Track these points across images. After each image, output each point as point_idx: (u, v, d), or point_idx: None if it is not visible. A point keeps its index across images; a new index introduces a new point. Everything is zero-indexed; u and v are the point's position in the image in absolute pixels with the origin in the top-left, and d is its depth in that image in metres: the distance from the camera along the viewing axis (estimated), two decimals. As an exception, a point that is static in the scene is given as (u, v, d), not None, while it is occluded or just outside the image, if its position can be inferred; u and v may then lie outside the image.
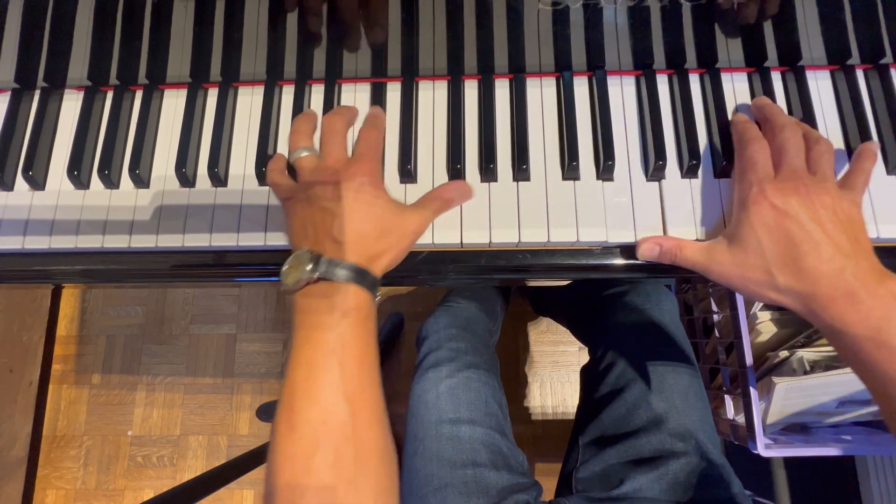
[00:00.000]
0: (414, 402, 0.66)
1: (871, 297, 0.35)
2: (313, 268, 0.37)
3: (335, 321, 0.37)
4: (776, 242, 0.37)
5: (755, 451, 0.70)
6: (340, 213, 0.39)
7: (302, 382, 0.35)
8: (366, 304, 0.38)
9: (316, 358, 0.36)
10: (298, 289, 0.38)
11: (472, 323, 0.78)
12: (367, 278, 0.38)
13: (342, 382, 0.35)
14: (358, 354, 0.37)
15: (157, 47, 0.47)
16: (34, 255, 0.48)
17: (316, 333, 0.37)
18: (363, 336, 0.38)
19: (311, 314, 0.37)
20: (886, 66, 0.48)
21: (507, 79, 0.50)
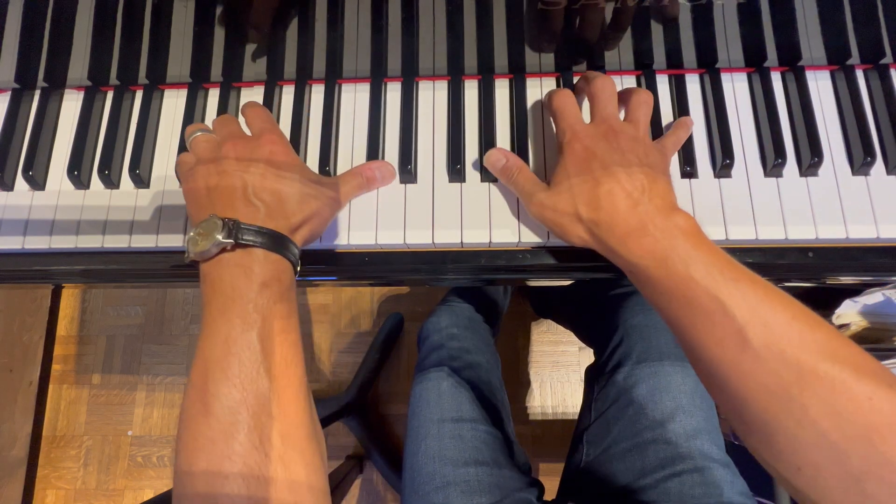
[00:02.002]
0: (415, 401, 0.66)
1: (657, 230, 0.36)
2: (227, 233, 0.34)
3: (254, 292, 0.34)
4: (583, 181, 0.39)
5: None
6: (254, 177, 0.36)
7: (217, 362, 0.32)
8: (287, 274, 0.36)
9: (233, 333, 0.33)
10: (209, 258, 0.35)
11: (473, 322, 0.78)
12: (287, 246, 0.36)
13: (264, 360, 0.33)
14: (281, 328, 0.34)
15: (157, 47, 0.47)
16: (34, 255, 0.48)
17: (232, 306, 0.33)
18: (285, 309, 0.35)
19: (226, 284, 0.34)
20: (886, 66, 0.48)
21: (507, 79, 0.50)
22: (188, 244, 0.35)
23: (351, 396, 1.19)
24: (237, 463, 0.30)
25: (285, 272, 0.36)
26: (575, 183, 0.39)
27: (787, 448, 0.31)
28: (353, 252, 0.47)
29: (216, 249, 0.34)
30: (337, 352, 1.30)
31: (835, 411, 0.30)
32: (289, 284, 0.36)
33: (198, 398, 0.32)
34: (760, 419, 0.32)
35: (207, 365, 0.33)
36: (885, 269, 0.45)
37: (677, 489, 0.54)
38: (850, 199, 0.45)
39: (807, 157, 0.45)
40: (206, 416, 0.31)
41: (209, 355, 0.33)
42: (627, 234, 0.37)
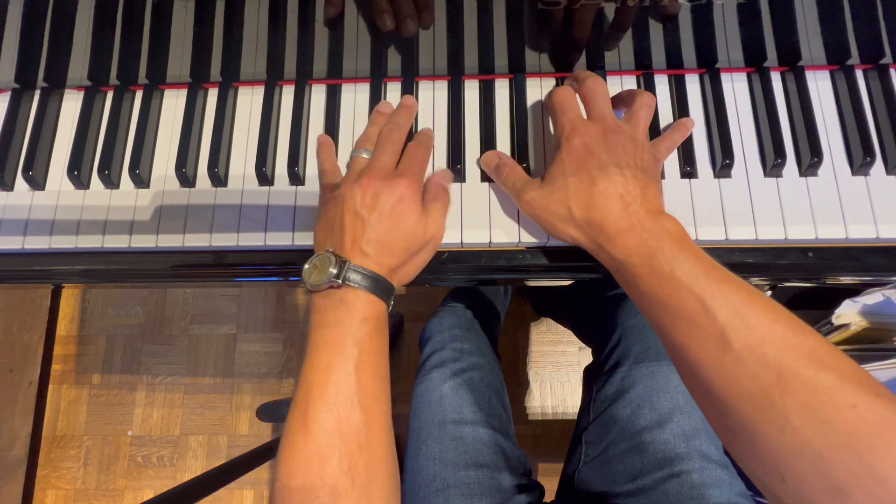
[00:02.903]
0: (417, 403, 0.66)
1: (645, 231, 0.37)
2: (337, 272, 0.37)
3: (354, 327, 0.37)
4: (579, 179, 0.40)
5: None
6: (372, 223, 0.39)
7: (318, 386, 0.36)
8: (382, 313, 0.39)
9: (333, 362, 0.36)
10: (319, 290, 0.38)
11: (475, 323, 0.78)
12: (385, 288, 0.39)
13: (358, 390, 0.36)
14: (373, 363, 0.37)
15: (157, 47, 0.47)
16: (34, 255, 0.48)
17: (333, 336, 0.37)
18: (378, 345, 0.38)
19: (330, 316, 0.38)
20: (886, 66, 0.48)
21: (507, 79, 0.50)
22: (304, 273, 0.39)
23: (351, 396, 1.19)
24: (328, 484, 0.33)
25: (381, 311, 0.39)
26: (571, 182, 0.40)
27: (769, 457, 0.31)
28: (353, 252, 0.47)
29: (326, 284, 0.38)
30: (337, 352, 1.30)
31: (817, 418, 0.29)
32: (384, 320, 0.39)
33: (299, 418, 0.35)
34: (742, 425, 0.32)
35: (310, 388, 0.36)
36: (885, 269, 0.45)
37: (676, 490, 0.54)
38: (849, 199, 0.45)
39: (806, 157, 0.45)
40: (305, 436, 0.35)
41: (311, 380, 0.36)
42: (617, 232, 0.38)
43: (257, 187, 0.48)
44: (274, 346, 1.32)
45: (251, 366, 1.31)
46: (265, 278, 0.50)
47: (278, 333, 1.32)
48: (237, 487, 1.25)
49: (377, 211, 0.40)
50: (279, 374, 1.30)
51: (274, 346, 1.32)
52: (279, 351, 1.31)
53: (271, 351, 1.32)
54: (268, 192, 0.47)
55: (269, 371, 1.31)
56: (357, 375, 0.36)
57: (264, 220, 0.46)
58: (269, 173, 0.47)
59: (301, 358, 1.29)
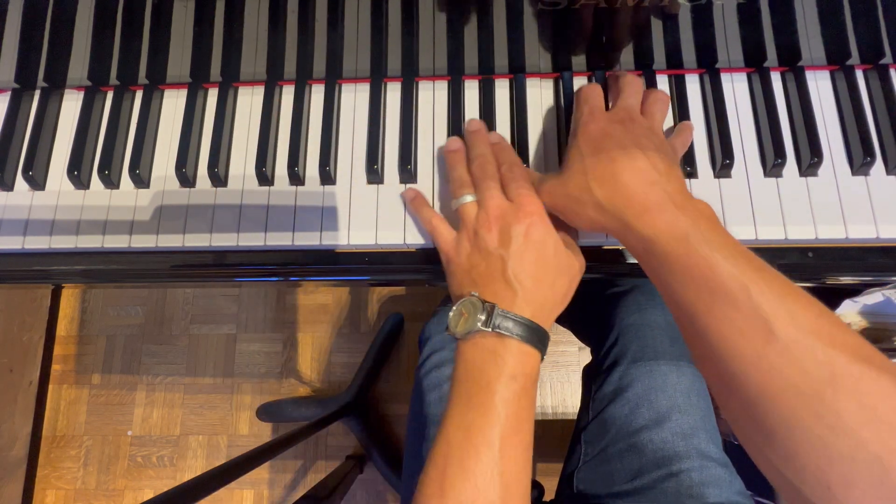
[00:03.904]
0: (416, 402, 0.66)
1: (679, 209, 0.35)
2: (486, 320, 0.35)
3: (502, 384, 0.34)
4: (598, 160, 0.38)
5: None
6: (513, 258, 0.37)
7: (458, 448, 0.33)
8: (535, 365, 0.36)
9: (476, 422, 0.33)
10: (466, 339, 0.36)
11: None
12: (540, 336, 0.36)
13: (500, 461, 0.33)
14: (519, 429, 0.34)
15: (157, 47, 0.47)
16: (34, 255, 0.48)
17: (478, 393, 0.34)
18: (526, 406, 0.35)
19: (476, 369, 0.35)
20: (886, 66, 0.48)
21: (507, 79, 0.50)
22: (451, 322, 0.36)
23: (351, 396, 1.19)
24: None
25: (534, 364, 0.36)
26: (589, 163, 0.38)
27: (813, 461, 0.28)
28: (353, 252, 0.47)
29: (475, 333, 0.35)
30: (337, 352, 1.30)
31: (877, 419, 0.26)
32: (535, 377, 0.36)
33: (436, 479, 0.33)
34: (784, 424, 0.29)
35: (449, 449, 0.33)
36: (885, 269, 0.45)
37: (675, 489, 0.54)
38: (849, 199, 0.45)
39: (806, 157, 0.45)
40: (441, 500, 0.32)
41: (451, 439, 0.34)
42: (645, 208, 0.36)
43: (257, 187, 0.48)
44: (274, 346, 1.32)
45: (251, 366, 1.31)
46: (265, 278, 0.50)
47: (278, 333, 1.32)
48: (237, 487, 1.25)
49: (513, 245, 0.37)
50: (279, 374, 1.30)
51: (274, 346, 1.32)
52: (279, 351, 1.31)
53: (271, 351, 1.32)
54: (268, 192, 0.47)
55: (269, 371, 1.31)
56: (501, 443, 0.33)
57: (264, 220, 0.46)
58: (269, 173, 0.47)
59: (301, 358, 1.30)
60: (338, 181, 0.47)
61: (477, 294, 0.36)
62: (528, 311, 0.36)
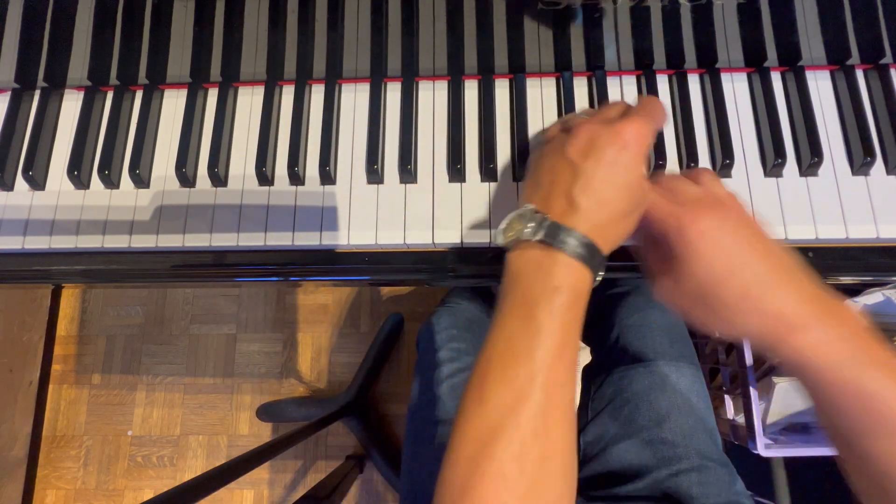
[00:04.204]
0: (414, 403, 0.66)
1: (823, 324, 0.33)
2: (534, 229, 0.33)
3: (547, 296, 0.32)
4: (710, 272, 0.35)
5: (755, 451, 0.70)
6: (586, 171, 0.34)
7: (499, 356, 0.32)
8: (584, 285, 0.34)
9: (518, 332, 0.32)
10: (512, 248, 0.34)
11: (473, 324, 0.78)
12: (591, 253, 0.33)
13: (541, 371, 0.31)
14: (561, 342, 0.32)
15: (157, 47, 0.47)
16: (34, 255, 0.48)
17: (522, 305, 0.33)
18: (571, 321, 0.33)
19: (522, 281, 0.33)
20: (886, 66, 0.48)
21: (507, 79, 0.50)
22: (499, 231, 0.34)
23: (351, 396, 1.19)
24: (494, 466, 0.30)
25: (583, 282, 0.33)
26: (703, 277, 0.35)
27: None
28: (353, 252, 0.47)
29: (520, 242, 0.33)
30: (337, 352, 1.30)
31: None
32: (583, 294, 0.34)
33: (477, 386, 0.32)
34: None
35: (491, 357, 0.32)
36: (885, 269, 0.45)
37: (675, 489, 0.54)
38: (850, 199, 0.45)
39: (807, 157, 0.45)
40: (480, 405, 0.31)
41: (493, 349, 0.33)
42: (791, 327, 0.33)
43: (257, 187, 0.48)
44: (274, 346, 1.32)
45: (251, 366, 1.31)
46: (265, 278, 0.50)
47: (278, 333, 1.32)
48: (237, 487, 1.25)
49: (593, 157, 0.34)
50: (279, 374, 1.30)
51: (274, 346, 1.32)
52: (279, 351, 1.31)
53: (271, 351, 1.32)
54: (268, 192, 0.47)
55: (269, 371, 1.31)
56: (543, 353, 0.31)
57: (264, 220, 0.46)
58: (269, 173, 0.47)
59: (301, 358, 1.30)
60: (338, 181, 0.47)
61: (534, 206, 0.34)
62: (584, 227, 0.33)
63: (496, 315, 0.34)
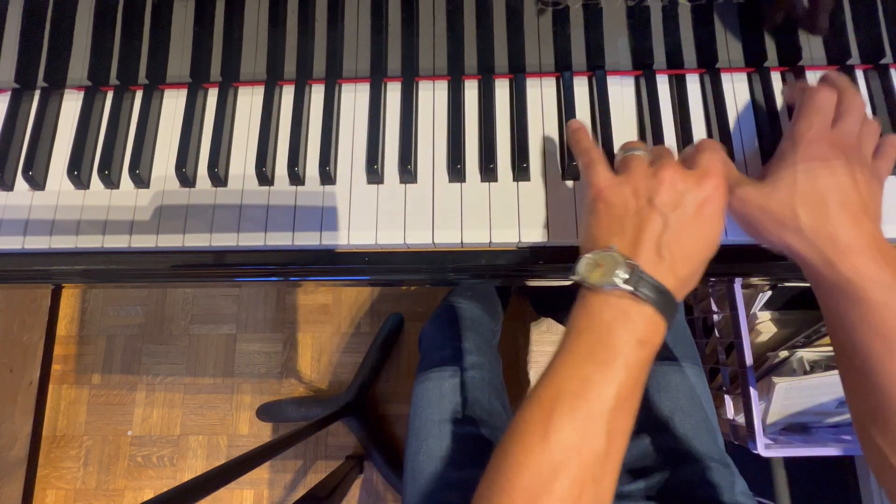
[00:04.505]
0: (417, 401, 0.66)
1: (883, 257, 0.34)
2: (628, 280, 0.33)
3: (629, 346, 0.33)
4: (812, 183, 0.37)
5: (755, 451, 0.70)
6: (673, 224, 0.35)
7: (570, 396, 0.32)
8: (661, 337, 0.35)
9: (594, 377, 0.32)
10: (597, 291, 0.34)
11: (475, 323, 0.78)
12: (673, 310, 0.34)
13: (610, 419, 0.32)
14: (633, 395, 0.33)
15: (157, 47, 0.47)
16: (34, 255, 0.48)
17: (602, 350, 0.33)
18: (644, 375, 0.34)
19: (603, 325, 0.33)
20: (886, 66, 0.48)
21: (507, 79, 0.50)
22: (582, 266, 0.35)
23: (351, 396, 1.19)
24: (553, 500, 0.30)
25: (662, 335, 0.34)
26: (802, 186, 0.37)
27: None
28: (353, 252, 0.47)
29: (608, 288, 0.33)
30: (337, 352, 1.30)
31: None
32: (658, 349, 0.34)
33: (541, 420, 0.32)
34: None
35: (559, 393, 0.32)
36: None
37: (677, 489, 0.54)
38: (850, 199, 0.45)
39: (807, 157, 0.45)
40: (543, 442, 0.31)
41: (563, 385, 0.33)
42: (850, 249, 0.35)
43: (257, 187, 0.48)
44: (274, 346, 1.32)
45: (251, 366, 1.31)
46: (265, 278, 0.50)
47: (278, 333, 1.32)
48: (237, 487, 1.25)
49: (680, 211, 0.35)
50: (279, 374, 1.30)
51: (274, 346, 1.32)
52: (279, 351, 1.31)
53: (271, 351, 1.32)
54: (268, 192, 0.47)
55: (269, 371, 1.31)
56: (615, 402, 0.32)
57: (264, 220, 0.46)
58: (269, 173, 0.47)
59: (301, 358, 1.29)
60: (338, 181, 0.47)
61: (617, 248, 0.34)
62: (672, 281, 0.34)
63: (566, 351, 0.34)
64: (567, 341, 0.34)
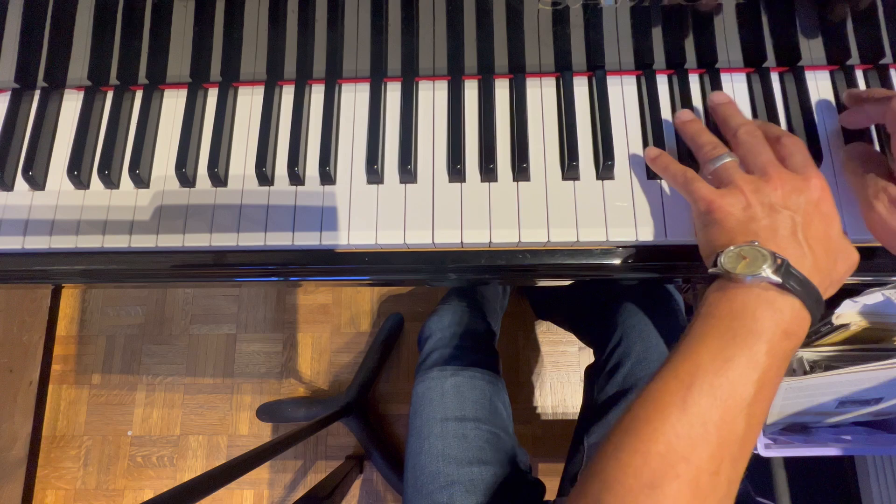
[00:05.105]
0: (418, 400, 0.66)
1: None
2: (776, 270, 0.32)
3: (776, 337, 0.32)
4: None
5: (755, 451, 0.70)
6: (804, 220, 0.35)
7: (712, 373, 0.32)
8: (805, 332, 0.34)
9: (738, 360, 0.32)
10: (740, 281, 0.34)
11: (475, 322, 0.78)
12: (819, 306, 0.34)
13: (751, 403, 0.31)
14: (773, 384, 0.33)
15: (157, 47, 0.47)
16: (34, 255, 0.48)
17: (748, 337, 0.32)
18: (784, 367, 0.33)
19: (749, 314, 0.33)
20: (886, 66, 0.48)
21: (507, 79, 0.50)
22: (725, 258, 0.34)
23: (351, 396, 1.19)
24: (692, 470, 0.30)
25: (806, 329, 0.34)
26: None
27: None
28: (353, 252, 0.47)
29: (755, 279, 0.33)
30: (337, 352, 1.30)
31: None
32: (800, 343, 0.34)
33: (680, 390, 0.32)
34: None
35: (699, 368, 0.32)
36: (885, 270, 0.45)
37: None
38: (850, 199, 0.45)
39: (807, 157, 0.45)
40: (682, 411, 0.31)
41: (703, 363, 0.32)
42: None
43: (257, 187, 0.48)
44: (274, 346, 1.32)
45: (251, 366, 1.31)
46: (265, 278, 0.50)
47: (278, 333, 1.32)
48: (237, 487, 1.25)
49: (802, 211, 0.35)
50: (279, 374, 1.30)
51: (274, 346, 1.32)
52: (279, 351, 1.31)
53: (271, 351, 1.32)
54: (268, 192, 0.47)
55: (269, 371, 1.31)
56: (757, 387, 0.31)
57: (264, 220, 0.46)
58: (269, 173, 0.47)
59: (301, 358, 1.29)
60: (338, 181, 0.47)
61: (758, 243, 0.34)
62: (816, 278, 0.34)
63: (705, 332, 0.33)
64: (703, 325, 0.34)
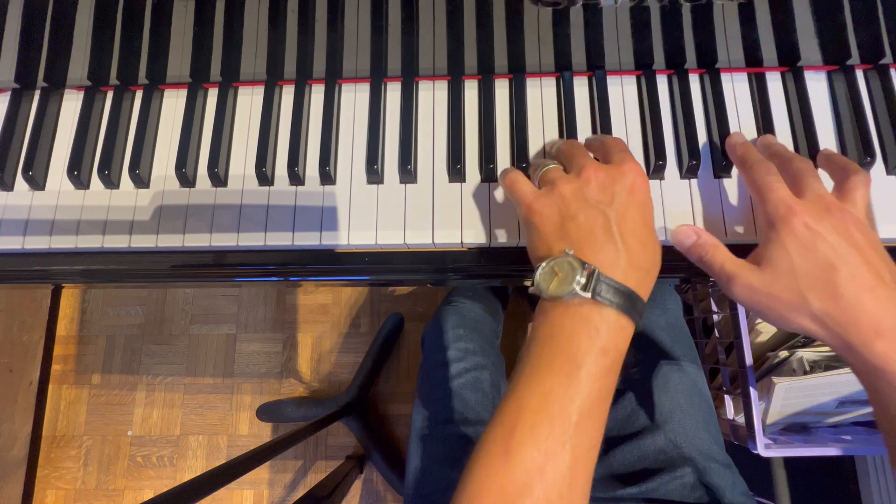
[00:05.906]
0: (420, 402, 0.66)
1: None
2: (586, 284, 0.31)
3: (592, 357, 0.31)
4: (811, 263, 0.34)
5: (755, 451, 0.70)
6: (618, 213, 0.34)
7: (531, 413, 0.31)
8: (628, 341, 0.33)
9: (556, 390, 0.31)
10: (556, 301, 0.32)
11: (478, 324, 0.78)
12: (639, 309, 0.33)
13: (575, 434, 0.30)
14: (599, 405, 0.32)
15: (157, 47, 0.47)
16: (34, 255, 0.48)
17: (564, 362, 0.31)
18: (611, 382, 0.32)
19: (564, 335, 0.32)
20: (886, 66, 0.48)
21: (507, 79, 0.50)
22: (539, 277, 0.33)
23: (351, 396, 1.19)
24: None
25: (627, 338, 0.33)
26: (800, 268, 0.34)
27: None
28: (353, 252, 0.47)
29: (569, 297, 0.32)
30: (337, 352, 1.30)
31: None
32: (624, 353, 0.33)
33: (503, 439, 0.31)
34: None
35: (521, 411, 0.31)
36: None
37: (678, 490, 0.54)
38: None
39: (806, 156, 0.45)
40: (505, 461, 0.30)
41: (525, 402, 0.31)
42: (879, 334, 0.32)
43: (257, 187, 0.48)
44: (274, 346, 1.32)
45: (251, 366, 1.31)
46: (265, 278, 0.50)
47: (278, 333, 1.32)
48: (237, 487, 1.25)
49: (616, 201, 0.34)
50: (279, 374, 1.30)
51: (274, 346, 1.32)
52: (279, 351, 1.31)
53: (271, 351, 1.32)
54: (268, 192, 0.47)
55: (269, 371, 1.31)
56: (579, 416, 0.30)
57: (264, 220, 0.46)
58: (269, 173, 0.47)
59: (301, 358, 1.29)
60: (338, 181, 0.47)
61: (573, 252, 0.33)
62: (634, 278, 0.33)
63: (528, 365, 0.33)
64: (529, 353, 0.33)
